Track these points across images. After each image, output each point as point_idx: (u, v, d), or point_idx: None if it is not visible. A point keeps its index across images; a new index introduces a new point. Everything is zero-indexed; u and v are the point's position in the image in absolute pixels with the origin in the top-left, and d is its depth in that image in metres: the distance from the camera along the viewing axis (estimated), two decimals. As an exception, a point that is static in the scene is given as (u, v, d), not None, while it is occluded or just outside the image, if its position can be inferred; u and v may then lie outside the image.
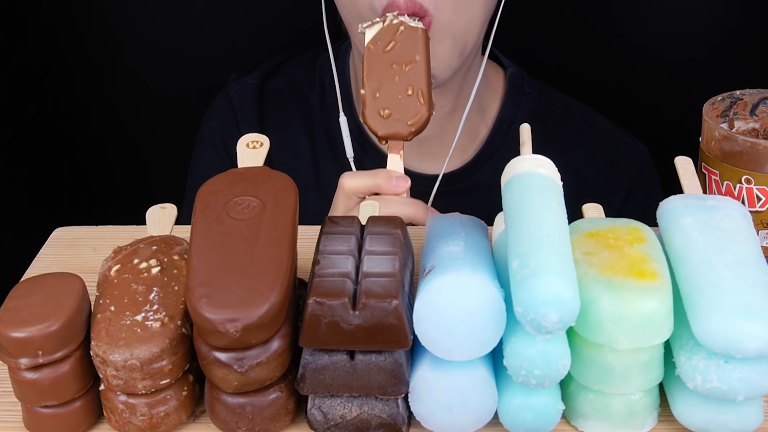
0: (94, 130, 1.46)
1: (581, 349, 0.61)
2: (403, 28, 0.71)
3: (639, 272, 0.61)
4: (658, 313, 0.59)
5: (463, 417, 0.61)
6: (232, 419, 0.62)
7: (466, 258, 0.62)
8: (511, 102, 1.11)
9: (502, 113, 1.11)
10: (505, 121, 1.11)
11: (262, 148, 0.71)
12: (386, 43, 0.72)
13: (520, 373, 0.59)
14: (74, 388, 0.62)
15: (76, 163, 1.48)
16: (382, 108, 0.70)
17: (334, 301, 0.59)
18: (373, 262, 0.63)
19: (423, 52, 0.71)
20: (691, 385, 0.59)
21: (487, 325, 0.59)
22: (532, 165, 0.66)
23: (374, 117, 0.70)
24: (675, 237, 0.64)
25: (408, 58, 0.71)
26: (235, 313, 0.57)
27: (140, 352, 0.60)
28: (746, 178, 0.77)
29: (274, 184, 0.66)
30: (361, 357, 0.61)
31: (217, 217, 0.63)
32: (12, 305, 0.61)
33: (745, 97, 0.85)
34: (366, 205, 0.75)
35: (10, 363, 0.61)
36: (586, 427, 0.63)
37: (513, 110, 1.11)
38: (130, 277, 0.65)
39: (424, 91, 0.70)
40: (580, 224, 0.67)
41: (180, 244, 0.69)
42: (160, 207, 0.76)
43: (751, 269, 0.60)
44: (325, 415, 0.62)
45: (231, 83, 1.18)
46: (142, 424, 0.62)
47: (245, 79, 1.17)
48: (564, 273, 0.57)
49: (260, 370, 0.60)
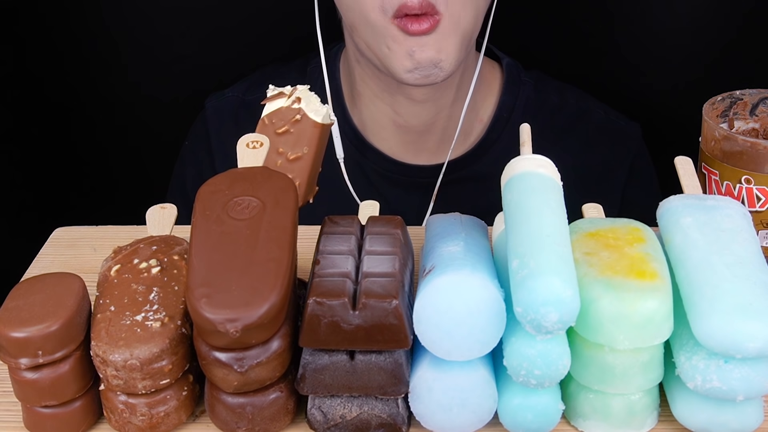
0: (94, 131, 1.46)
1: (581, 349, 0.61)
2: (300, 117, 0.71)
3: (639, 272, 0.61)
4: (658, 313, 0.59)
5: (463, 417, 0.61)
6: (232, 419, 0.62)
7: (466, 258, 0.62)
8: (509, 91, 1.12)
9: (502, 102, 1.12)
10: (505, 110, 1.12)
11: (262, 148, 0.71)
12: (280, 126, 0.71)
13: (520, 373, 0.59)
14: (74, 388, 0.62)
15: (76, 163, 1.48)
16: None
17: (334, 301, 0.59)
18: (373, 262, 0.63)
19: (314, 146, 0.70)
20: (691, 385, 0.59)
21: (487, 325, 0.59)
22: (532, 165, 0.66)
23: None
24: (675, 237, 0.64)
25: (296, 149, 0.70)
26: (235, 313, 0.57)
27: (140, 352, 0.60)
28: (746, 178, 0.77)
29: (274, 184, 0.66)
30: (361, 357, 0.61)
31: (217, 217, 0.63)
32: (12, 305, 0.61)
33: (745, 97, 0.85)
34: (366, 204, 0.75)
35: (10, 363, 0.61)
36: (586, 427, 0.63)
37: (512, 99, 1.12)
38: (130, 277, 0.65)
39: (303, 186, 0.70)
40: (580, 224, 0.67)
41: (180, 244, 0.69)
42: (160, 207, 0.76)
43: (751, 269, 0.60)
44: (325, 415, 0.62)
45: (209, 99, 1.18)
46: (142, 424, 0.62)
47: (224, 92, 1.18)
48: (564, 273, 0.57)
49: (260, 370, 0.60)
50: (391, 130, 1.10)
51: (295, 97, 0.71)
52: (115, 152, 1.47)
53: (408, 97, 1.06)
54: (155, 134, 1.44)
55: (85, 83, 1.42)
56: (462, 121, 1.07)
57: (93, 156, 1.48)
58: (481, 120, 1.13)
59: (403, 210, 1.03)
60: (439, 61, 0.96)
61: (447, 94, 1.07)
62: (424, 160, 1.12)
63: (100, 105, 1.44)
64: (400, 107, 1.08)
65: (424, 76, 0.97)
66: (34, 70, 1.41)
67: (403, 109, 1.08)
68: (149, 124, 1.44)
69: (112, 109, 1.44)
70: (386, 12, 0.95)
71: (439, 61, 0.96)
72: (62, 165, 1.48)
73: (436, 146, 1.11)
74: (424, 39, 0.95)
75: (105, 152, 1.47)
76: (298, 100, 0.71)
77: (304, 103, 0.71)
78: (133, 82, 1.41)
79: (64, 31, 1.39)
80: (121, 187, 1.48)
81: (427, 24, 0.94)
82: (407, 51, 0.95)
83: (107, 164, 1.48)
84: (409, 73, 0.97)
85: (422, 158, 1.12)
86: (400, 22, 0.94)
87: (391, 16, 0.94)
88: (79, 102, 1.43)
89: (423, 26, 0.94)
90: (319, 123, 0.70)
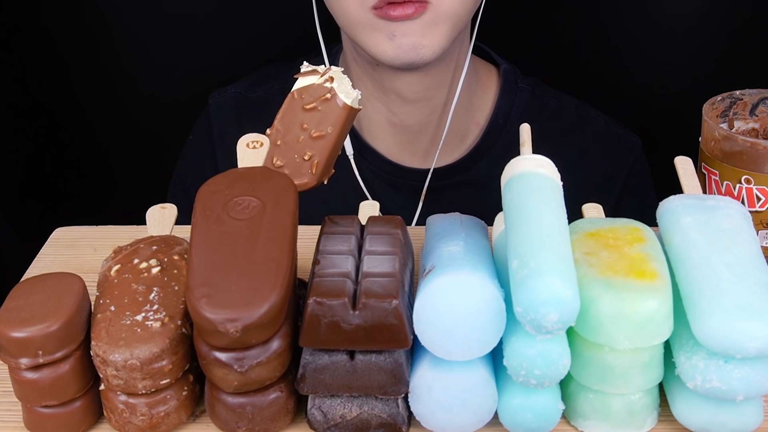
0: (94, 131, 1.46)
1: (581, 349, 0.61)
2: (330, 96, 0.71)
3: (639, 272, 0.61)
4: (658, 313, 0.59)
5: (463, 417, 0.61)
6: (232, 419, 0.62)
7: (466, 258, 0.62)
8: (505, 96, 1.12)
9: (498, 107, 1.11)
10: (501, 116, 1.11)
11: (262, 148, 0.71)
12: (308, 102, 0.71)
13: (520, 373, 0.59)
14: (74, 388, 0.62)
15: (77, 163, 1.48)
16: (278, 157, 0.70)
17: (334, 301, 0.59)
18: (373, 262, 0.63)
19: (338, 127, 0.70)
20: (691, 385, 0.59)
21: (487, 325, 0.59)
22: (532, 165, 0.66)
23: (267, 161, 0.70)
24: (675, 237, 0.64)
25: (321, 127, 0.70)
26: (235, 313, 0.57)
27: (140, 352, 0.60)
28: (746, 178, 0.77)
29: (274, 184, 0.66)
30: (361, 357, 0.61)
31: (217, 217, 0.64)
32: (12, 305, 0.61)
33: (744, 97, 0.85)
34: (366, 204, 0.75)
35: (11, 363, 0.61)
36: (586, 427, 0.63)
37: (508, 105, 1.12)
38: (130, 277, 0.65)
39: (320, 165, 0.70)
40: (580, 224, 0.67)
41: (180, 244, 0.69)
42: (160, 207, 0.76)
43: (751, 269, 0.60)
44: (325, 415, 0.62)
45: (212, 95, 1.18)
46: (142, 423, 0.62)
47: (226, 88, 1.18)
48: (564, 273, 0.57)
49: (260, 370, 0.60)
50: (388, 130, 1.10)
51: (328, 76, 0.71)
52: (115, 152, 1.47)
53: (400, 96, 1.06)
54: (155, 134, 1.44)
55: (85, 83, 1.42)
56: (449, 124, 1.07)
57: (93, 156, 1.48)
58: (477, 124, 1.12)
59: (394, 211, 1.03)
60: (421, 47, 0.95)
61: (439, 94, 1.07)
62: (419, 163, 1.12)
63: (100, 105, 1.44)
64: (394, 106, 1.08)
65: (404, 62, 0.96)
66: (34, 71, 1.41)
67: (397, 108, 1.08)
68: (149, 125, 1.44)
69: (111, 110, 1.44)
70: (365, 4, 0.94)
71: (421, 47, 0.95)
72: (62, 165, 1.48)
73: (430, 148, 1.11)
74: (407, 24, 0.94)
75: (105, 152, 1.48)
76: (330, 79, 0.71)
77: (336, 83, 0.71)
78: (132, 83, 1.42)
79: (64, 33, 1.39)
80: (121, 187, 1.49)
81: (411, 9, 0.93)
82: (387, 34, 0.95)
83: (107, 164, 1.48)
84: (389, 58, 0.96)
85: (418, 160, 1.12)
86: (380, 11, 0.94)
87: (370, 7, 0.94)
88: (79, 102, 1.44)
89: (407, 11, 0.93)
90: (347, 105, 0.70)
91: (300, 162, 0.70)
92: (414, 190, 1.11)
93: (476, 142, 1.11)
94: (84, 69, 1.41)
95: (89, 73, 1.42)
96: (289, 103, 0.72)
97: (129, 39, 1.39)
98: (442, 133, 1.09)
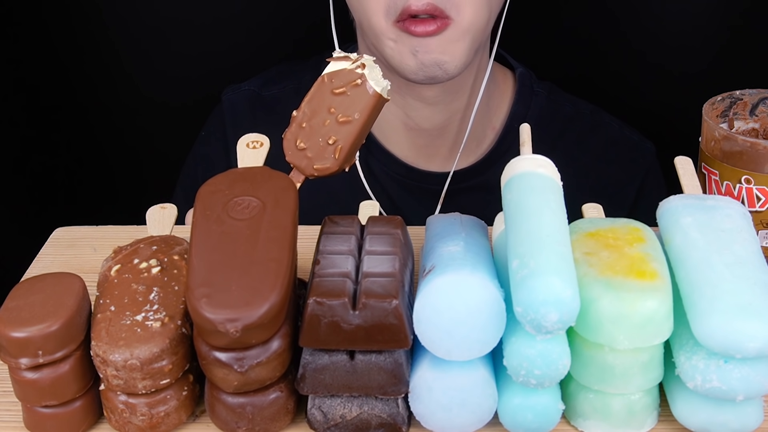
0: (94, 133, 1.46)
1: (581, 349, 0.61)
2: (360, 82, 0.70)
3: (639, 272, 0.61)
4: (658, 313, 0.59)
5: (463, 417, 0.61)
6: (232, 419, 0.62)
7: (466, 258, 0.62)
8: (521, 101, 1.12)
9: (514, 111, 1.11)
10: (517, 120, 1.11)
11: (262, 148, 0.71)
12: (338, 86, 0.71)
13: (520, 373, 0.59)
14: (74, 388, 0.62)
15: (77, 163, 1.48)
16: (302, 140, 0.70)
17: (334, 301, 0.59)
18: (373, 262, 0.63)
19: (366, 114, 0.70)
20: (691, 385, 0.59)
21: (487, 325, 0.59)
22: (532, 165, 0.66)
23: (291, 142, 0.69)
24: (675, 237, 0.64)
25: (348, 112, 0.70)
26: (235, 313, 0.57)
27: (140, 352, 0.60)
28: (746, 178, 0.77)
29: (274, 184, 0.66)
30: (361, 357, 0.61)
31: (217, 217, 0.64)
32: (12, 305, 0.61)
33: (744, 97, 0.85)
34: (366, 204, 0.75)
35: (11, 363, 0.61)
36: (586, 427, 0.63)
37: (524, 109, 1.11)
38: (130, 277, 0.65)
39: (344, 150, 0.69)
40: (580, 224, 0.67)
41: (180, 244, 0.69)
42: (160, 207, 0.76)
43: (751, 269, 0.60)
44: (325, 415, 0.62)
45: (225, 91, 1.18)
46: (142, 423, 0.62)
47: (240, 85, 1.18)
48: (564, 273, 0.57)
49: (260, 370, 0.60)
50: (403, 133, 1.10)
51: (360, 62, 0.71)
52: (115, 152, 1.47)
53: (419, 99, 1.05)
54: (155, 134, 1.44)
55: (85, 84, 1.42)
56: (470, 128, 1.06)
57: (93, 156, 1.48)
58: (493, 128, 1.12)
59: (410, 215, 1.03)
60: (444, 63, 0.96)
61: (459, 98, 1.07)
62: (436, 167, 1.11)
63: (99, 105, 1.44)
64: (411, 110, 1.07)
65: (427, 76, 0.97)
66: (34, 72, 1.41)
67: (414, 111, 1.07)
68: (149, 125, 1.44)
69: (112, 110, 1.44)
70: (389, 17, 0.94)
71: (443, 63, 0.96)
72: (62, 165, 1.48)
73: (448, 152, 1.10)
74: (428, 40, 0.94)
75: (105, 152, 1.48)
76: (362, 66, 0.71)
77: (368, 71, 0.71)
78: (133, 83, 1.42)
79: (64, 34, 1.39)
80: (121, 187, 1.49)
81: (433, 26, 0.93)
82: (410, 49, 0.95)
83: (107, 164, 1.48)
84: (413, 72, 0.97)
85: (434, 164, 1.11)
86: (402, 24, 0.94)
87: (393, 20, 0.94)
88: (79, 103, 1.44)
89: (429, 28, 0.93)
90: (377, 93, 0.70)
91: (324, 146, 0.70)
92: (428, 194, 1.10)
93: (492, 146, 1.11)
94: (85, 71, 1.41)
95: (90, 75, 1.42)
96: (318, 86, 0.71)
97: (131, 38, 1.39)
98: (460, 137, 1.08)
